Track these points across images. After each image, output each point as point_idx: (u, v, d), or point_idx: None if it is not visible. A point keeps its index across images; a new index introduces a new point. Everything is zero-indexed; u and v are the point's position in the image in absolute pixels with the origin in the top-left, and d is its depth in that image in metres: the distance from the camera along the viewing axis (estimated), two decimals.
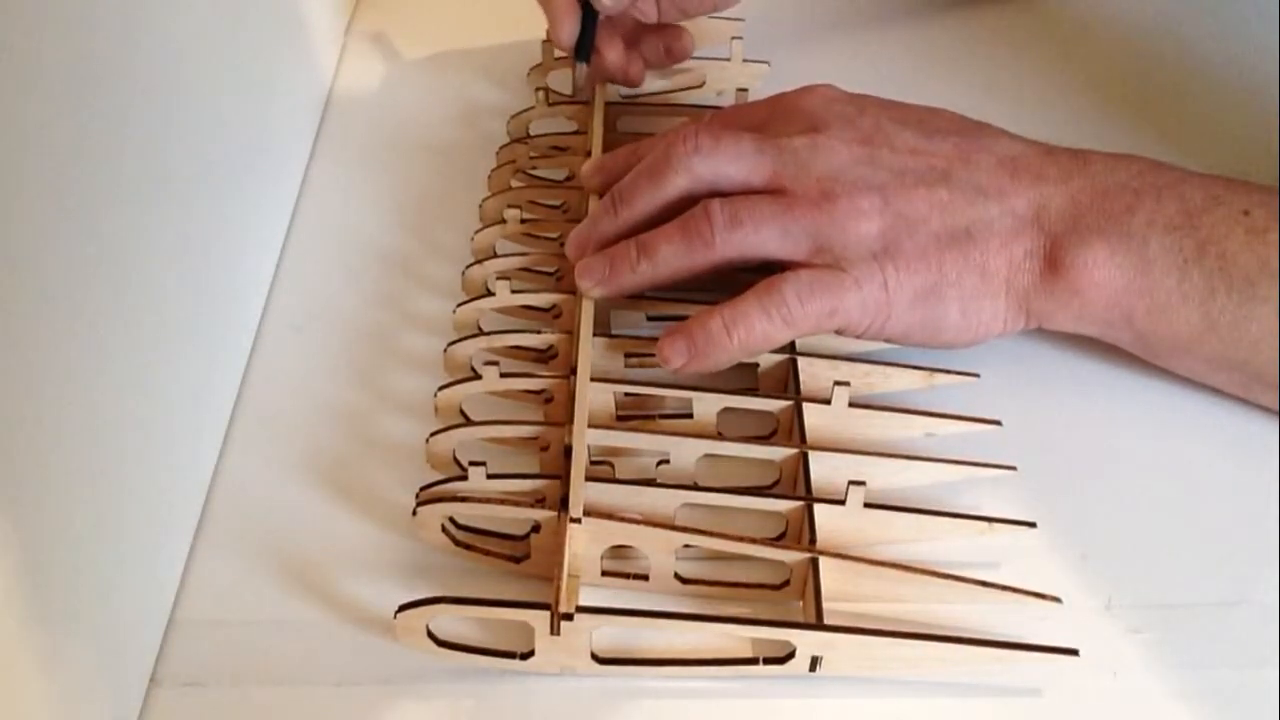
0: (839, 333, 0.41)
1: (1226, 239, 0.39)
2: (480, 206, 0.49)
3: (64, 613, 0.32)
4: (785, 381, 0.42)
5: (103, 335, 0.34)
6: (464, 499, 0.38)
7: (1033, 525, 0.38)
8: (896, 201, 0.41)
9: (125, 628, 0.36)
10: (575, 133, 0.52)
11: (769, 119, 0.44)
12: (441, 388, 0.42)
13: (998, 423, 0.41)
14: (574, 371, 0.40)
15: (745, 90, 0.55)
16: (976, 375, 0.43)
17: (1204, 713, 0.36)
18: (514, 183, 0.50)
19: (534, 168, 0.52)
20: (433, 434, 0.40)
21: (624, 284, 0.42)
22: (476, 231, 0.48)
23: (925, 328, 0.41)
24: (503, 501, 0.38)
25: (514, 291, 0.44)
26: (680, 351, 0.40)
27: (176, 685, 0.37)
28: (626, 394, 0.41)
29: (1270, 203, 0.40)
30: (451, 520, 0.38)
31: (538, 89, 0.53)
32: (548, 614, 0.34)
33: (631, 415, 0.42)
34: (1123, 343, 0.42)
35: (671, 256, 0.41)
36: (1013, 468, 0.40)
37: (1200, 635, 0.37)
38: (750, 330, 0.40)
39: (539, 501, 0.38)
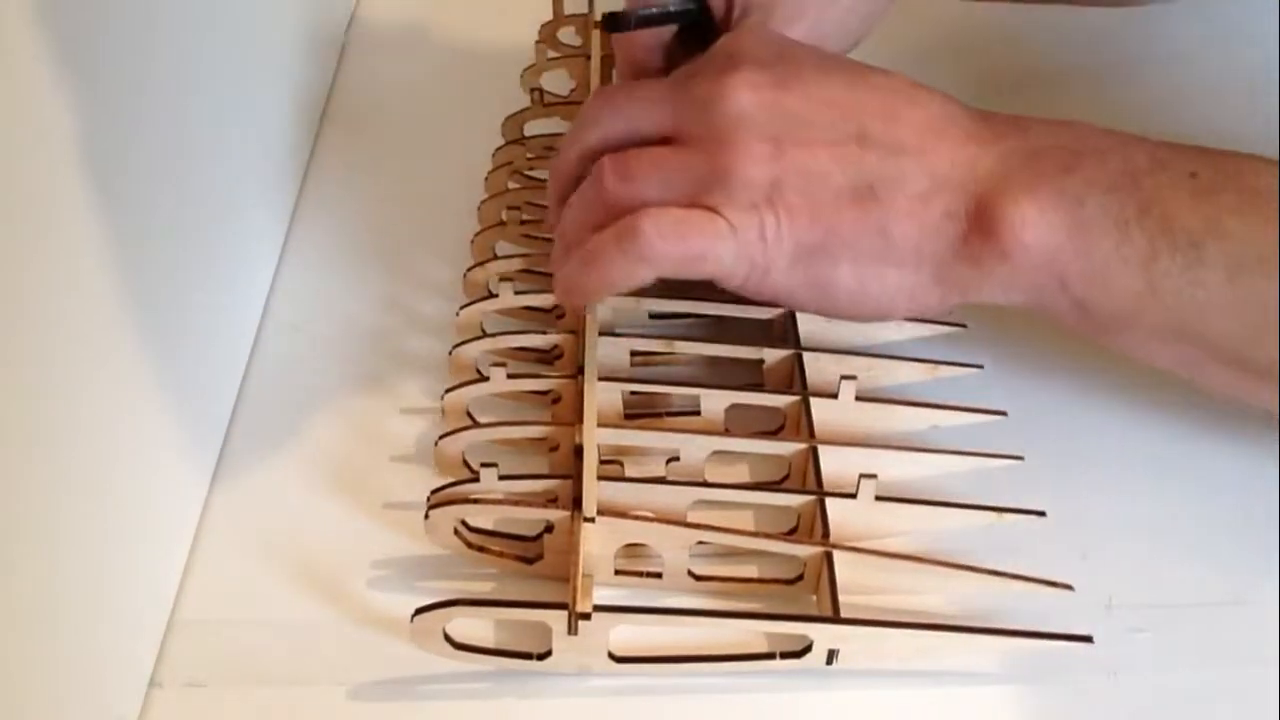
0: (714, 281, 0.39)
1: (1171, 200, 0.36)
2: (479, 209, 0.49)
3: (64, 613, 0.32)
4: (791, 376, 0.42)
5: (102, 334, 0.34)
6: (476, 501, 0.37)
7: (1042, 514, 0.38)
8: (793, 151, 0.37)
9: (125, 628, 0.36)
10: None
11: (701, 64, 0.41)
12: (448, 390, 0.42)
13: (1003, 413, 0.41)
14: (581, 371, 0.40)
15: None
16: (980, 366, 0.43)
17: (1204, 713, 0.36)
18: (511, 184, 0.50)
19: (531, 169, 0.52)
20: (441, 436, 0.40)
21: (589, 290, 0.40)
22: (476, 234, 0.48)
23: (813, 291, 0.38)
24: (515, 503, 0.38)
25: (517, 293, 0.44)
26: (559, 293, 0.40)
27: (176, 685, 0.36)
28: (634, 392, 0.42)
29: (1219, 164, 0.37)
30: (464, 523, 0.38)
31: (532, 90, 0.53)
32: (565, 614, 0.34)
33: (639, 414, 0.42)
34: (1059, 313, 0.38)
35: (631, 254, 0.39)
36: (1020, 458, 0.40)
37: (1200, 635, 0.37)
38: (607, 269, 0.38)
39: (551, 502, 0.38)
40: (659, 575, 0.38)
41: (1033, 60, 0.60)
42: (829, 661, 0.35)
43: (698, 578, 0.38)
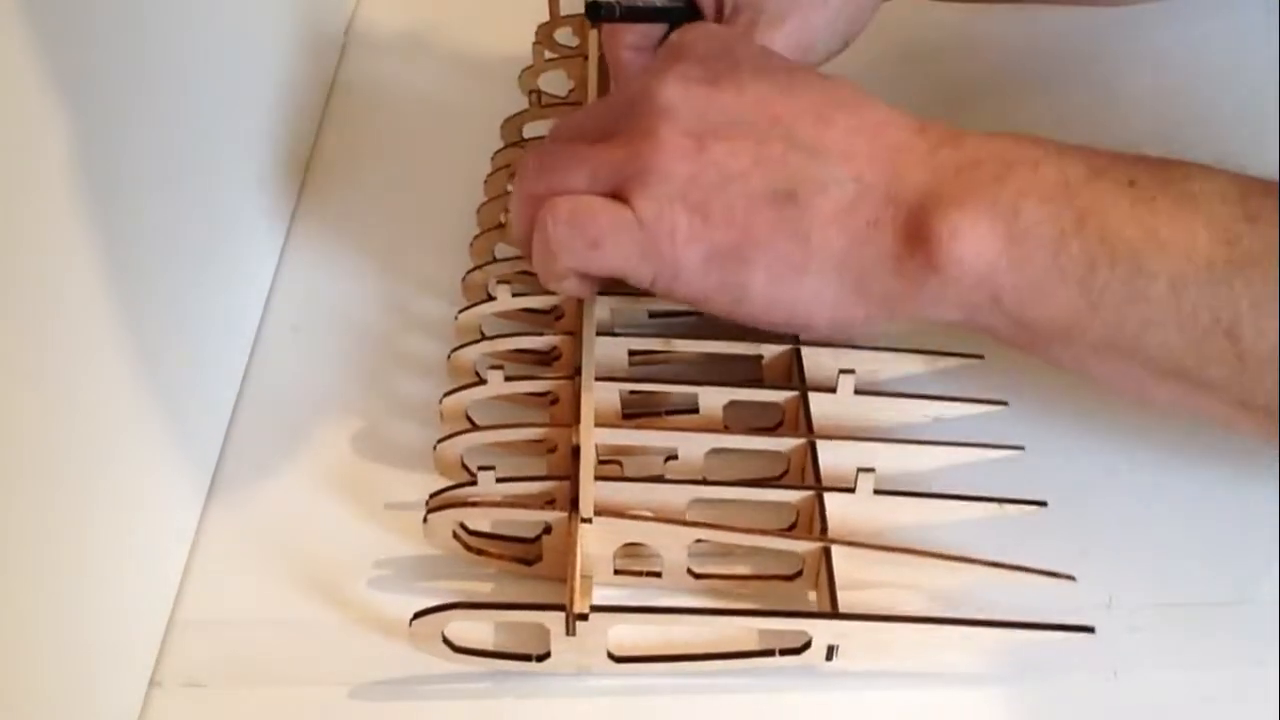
0: (624, 279, 0.39)
1: (1110, 210, 0.34)
2: (478, 212, 0.49)
3: (64, 613, 0.32)
4: (789, 372, 0.42)
5: (101, 333, 0.34)
6: (474, 504, 0.37)
7: (1043, 504, 0.38)
8: (715, 148, 0.36)
9: (125, 628, 0.36)
10: None
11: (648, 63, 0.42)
12: (447, 393, 0.42)
13: (1004, 403, 0.41)
14: (578, 372, 0.40)
15: None
16: (980, 356, 0.42)
17: (1204, 713, 0.36)
18: (510, 187, 0.50)
19: None
20: (440, 440, 0.40)
21: (547, 283, 0.40)
22: (476, 237, 0.48)
23: (726, 296, 0.37)
24: (513, 505, 0.38)
25: (515, 295, 0.44)
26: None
27: (176, 685, 0.37)
28: (631, 392, 0.41)
29: (1159, 172, 0.35)
30: (462, 525, 0.38)
31: (530, 91, 0.53)
32: (563, 615, 0.34)
33: (637, 413, 0.42)
34: (995, 331, 0.37)
35: (541, 246, 0.38)
36: (1020, 448, 0.40)
37: (1200, 635, 0.37)
38: (538, 262, 0.39)
39: (549, 503, 0.38)
40: (658, 574, 0.38)
41: (991, 67, 0.59)
42: (828, 658, 0.35)
43: (697, 576, 0.38)
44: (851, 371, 0.40)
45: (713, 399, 0.41)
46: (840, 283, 0.37)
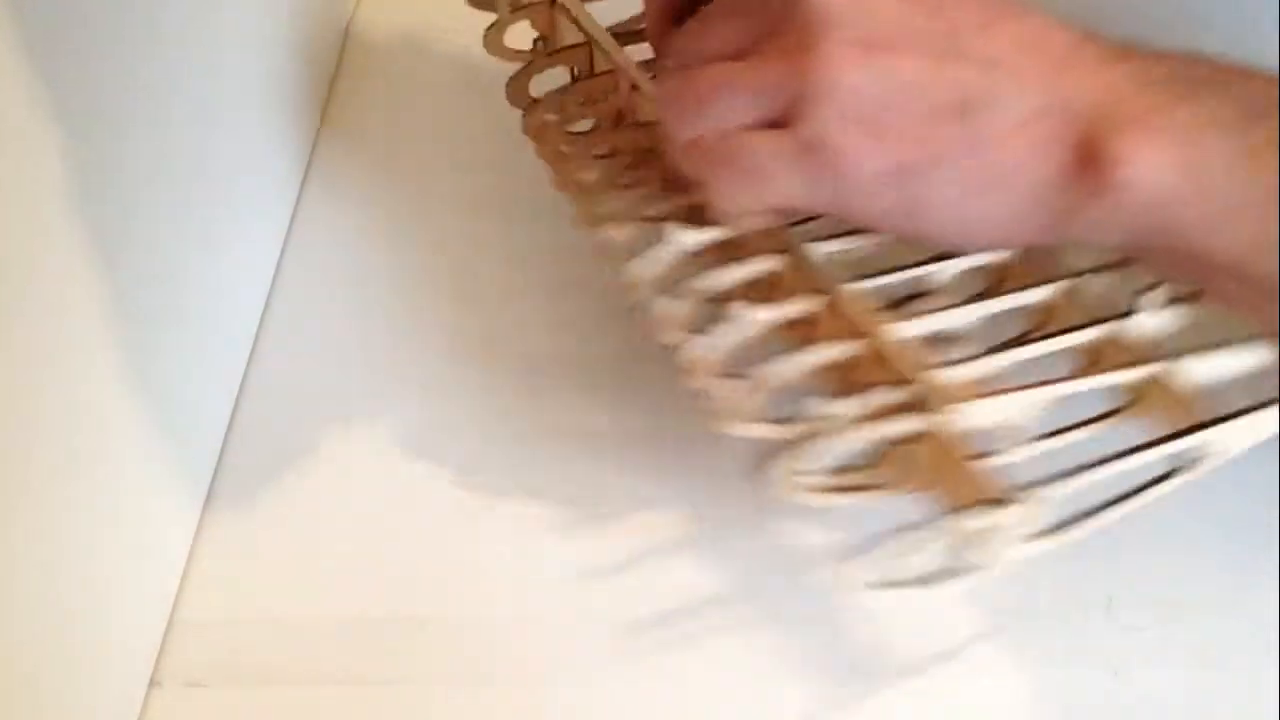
0: (793, 207, 0.36)
1: None
2: (562, 182, 0.45)
3: (64, 613, 0.32)
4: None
5: (101, 332, 0.34)
6: (817, 437, 0.35)
7: None
8: (883, 59, 0.34)
9: (125, 628, 0.36)
10: (594, 75, 0.48)
11: None
12: (687, 348, 0.38)
13: None
14: (822, 290, 0.37)
15: None
16: None
17: (1204, 713, 0.36)
18: (564, 148, 0.46)
19: (569, 123, 0.48)
20: (719, 403, 0.37)
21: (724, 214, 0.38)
22: (586, 210, 0.43)
23: (905, 214, 0.35)
24: (861, 424, 0.35)
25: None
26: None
27: (176, 685, 0.37)
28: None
29: None
30: (803, 473, 0.35)
31: (535, 40, 0.48)
32: (982, 509, 0.32)
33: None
34: (1161, 259, 0.35)
35: (712, 192, 0.36)
36: None
37: (1200, 635, 0.37)
38: (714, 196, 0.36)
39: (895, 413, 0.35)
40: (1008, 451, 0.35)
41: None
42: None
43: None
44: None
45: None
46: (1012, 200, 0.35)
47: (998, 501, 0.32)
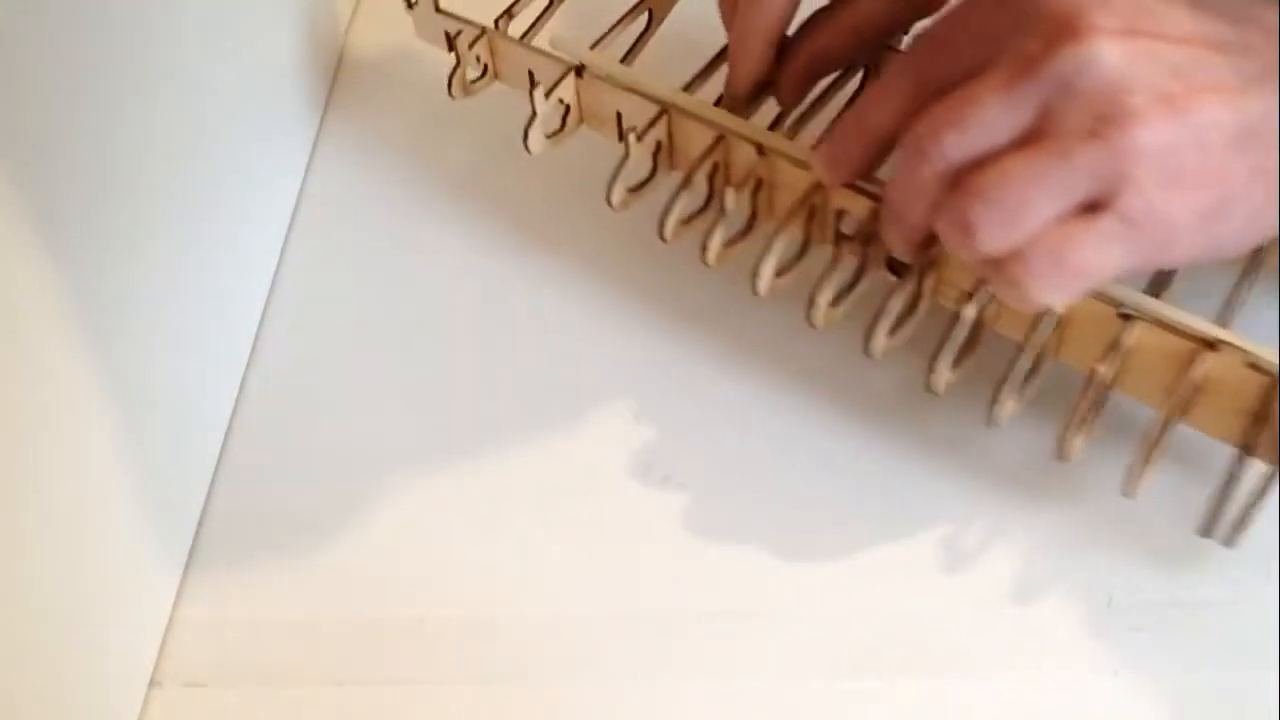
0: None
1: None
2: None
3: (64, 612, 0.32)
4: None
5: (100, 332, 0.34)
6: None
7: None
8: (1183, 103, 0.32)
9: (125, 628, 0.36)
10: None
11: (996, 30, 0.34)
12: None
13: None
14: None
15: None
16: None
17: (1204, 713, 0.36)
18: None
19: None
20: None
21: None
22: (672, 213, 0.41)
23: (1209, 249, 0.34)
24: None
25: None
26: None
27: (176, 685, 0.37)
28: None
29: None
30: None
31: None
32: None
33: None
34: None
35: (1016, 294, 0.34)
36: None
37: (1200, 635, 0.37)
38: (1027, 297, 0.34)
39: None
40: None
41: None
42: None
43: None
44: None
45: None
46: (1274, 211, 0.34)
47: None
